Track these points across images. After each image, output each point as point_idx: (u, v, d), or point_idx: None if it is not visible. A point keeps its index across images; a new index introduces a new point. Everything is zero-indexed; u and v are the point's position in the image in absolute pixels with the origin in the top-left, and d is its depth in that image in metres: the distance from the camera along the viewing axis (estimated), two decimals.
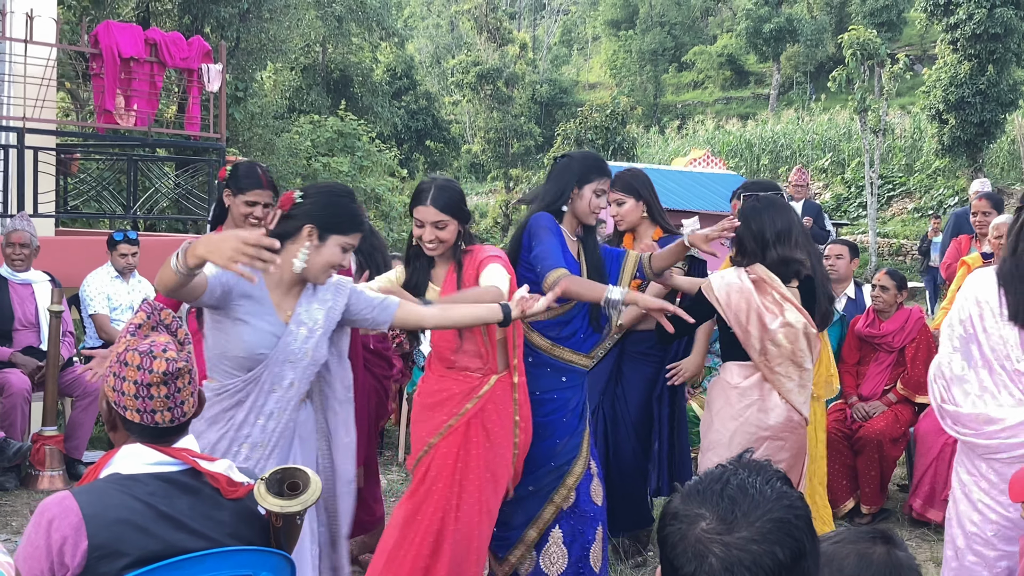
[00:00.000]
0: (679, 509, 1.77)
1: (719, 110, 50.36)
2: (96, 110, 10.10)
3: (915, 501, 6.37)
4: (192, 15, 20.55)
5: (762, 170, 37.22)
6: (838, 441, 6.51)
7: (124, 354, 2.59)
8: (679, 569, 1.71)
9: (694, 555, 1.70)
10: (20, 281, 7.20)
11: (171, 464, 2.60)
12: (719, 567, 1.67)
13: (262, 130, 22.85)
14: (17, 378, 6.82)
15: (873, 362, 6.79)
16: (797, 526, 1.72)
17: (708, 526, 1.71)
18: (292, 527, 2.68)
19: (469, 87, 45.97)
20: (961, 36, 27.15)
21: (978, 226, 7.84)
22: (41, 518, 2.44)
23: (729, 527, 1.70)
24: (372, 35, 38.39)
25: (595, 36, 64.48)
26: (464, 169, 47.54)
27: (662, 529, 1.77)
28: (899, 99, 36.40)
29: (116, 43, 9.71)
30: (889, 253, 27.93)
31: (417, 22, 59.73)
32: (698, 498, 1.76)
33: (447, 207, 4.20)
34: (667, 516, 1.78)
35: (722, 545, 1.69)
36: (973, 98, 27.10)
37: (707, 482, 1.78)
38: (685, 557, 1.71)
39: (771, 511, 1.72)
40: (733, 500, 1.74)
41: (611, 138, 32.23)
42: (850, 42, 26.36)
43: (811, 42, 47.84)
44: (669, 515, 1.78)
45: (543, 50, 60.11)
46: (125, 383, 2.57)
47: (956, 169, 29.56)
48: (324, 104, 34.42)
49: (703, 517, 1.73)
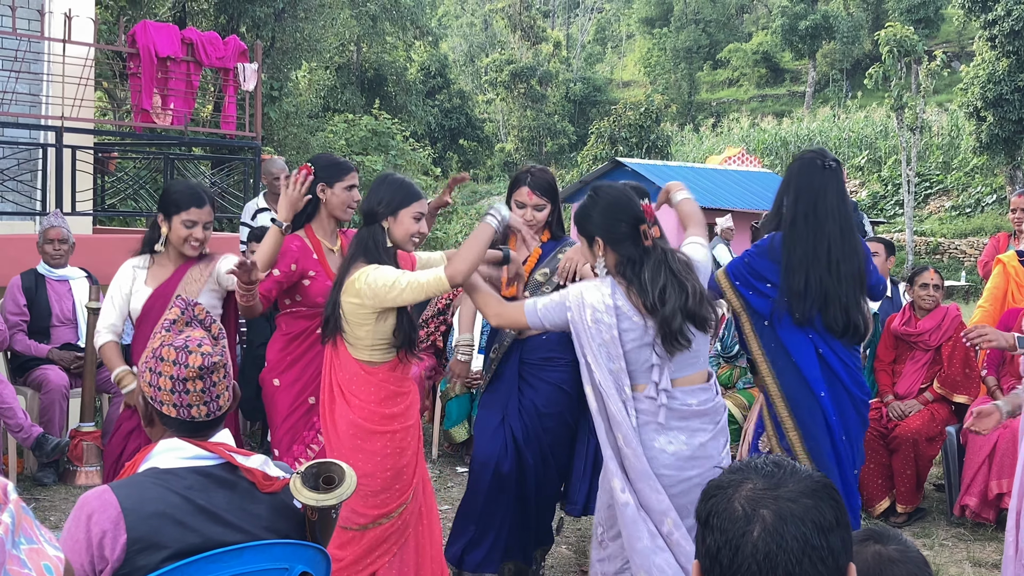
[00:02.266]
0: (721, 481, 1.77)
1: (754, 108, 50.18)
2: (133, 109, 10.18)
3: (969, 500, 6.24)
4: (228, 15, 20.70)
5: None
6: (873, 440, 6.47)
7: (160, 349, 2.62)
8: (726, 533, 1.69)
9: (743, 516, 1.69)
10: (57, 278, 7.27)
11: (208, 458, 2.62)
12: (772, 520, 1.67)
13: (297, 129, 23.00)
14: (55, 374, 6.88)
15: (909, 360, 6.74)
16: (834, 494, 1.74)
17: (755, 485, 1.73)
18: (327, 521, 2.70)
19: (503, 85, 46.08)
20: (999, 32, 26.89)
21: (1016, 223, 7.76)
22: (81, 512, 2.47)
23: (776, 485, 1.72)
24: (406, 34, 38.52)
25: (629, 34, 64.37)
26: (497, 168, 47.61)
27: (704, 505, 1.77)
28: (936, 96, 36.12)
29: (153, 43, 9.78)
30: (926, 252, 27.72)
31: (451, 21, 59.85)
32: (740, 471, 1.78)
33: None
34: (708, 493, 1.78)
35: (773, 500, 1.69)
36: (1012, 95, 26.84)
37: (743, 463, 1.81)
38: (733, 520, 1.70)
39: (810, 476, 1.75)
40: (776, 465, 1.77)
41: (645, 136, 32.19)
42: (887, 39, 26.19)
43: (847, 39, 47.58)
44: (710, 490, 1.78)
45: (577, 48, 60.06)
46: (161, 378, 2.59)
47: (994, 167, 29.29)
48: (358, 103, 34.59)
49: (749, 479, 1.74)
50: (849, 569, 1.72)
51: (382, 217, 4.06)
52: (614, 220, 3.76)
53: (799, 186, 4.56)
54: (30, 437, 6.48)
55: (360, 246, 4.07)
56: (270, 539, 2.60)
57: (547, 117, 45.73)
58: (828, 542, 1.67)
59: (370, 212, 4.10)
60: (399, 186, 4.13)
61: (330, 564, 2.77)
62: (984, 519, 6.22)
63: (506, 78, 45.65)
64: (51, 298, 7.19)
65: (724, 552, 1.69)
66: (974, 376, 6.60)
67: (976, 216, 29.16)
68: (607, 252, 3.80)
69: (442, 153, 42.39)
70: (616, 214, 3.76)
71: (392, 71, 37.26)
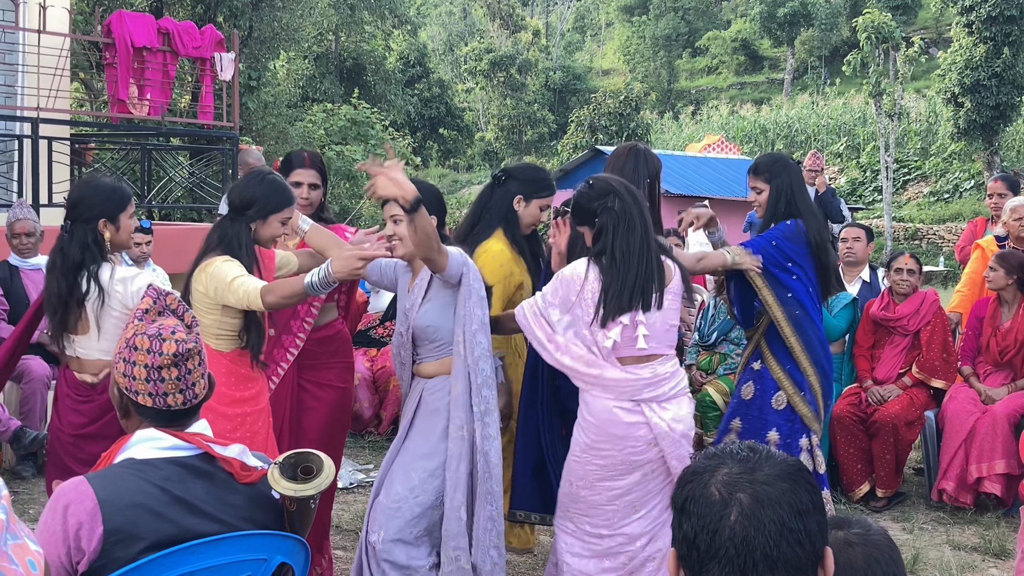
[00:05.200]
0: (697, 466, 1.77)
1: (733, 95, 50.22)
2: (110, 100, 10.13)
3: (947, 484, 6.29)
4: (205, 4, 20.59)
5: None
6: (853, 425, 6.49)
7: (133, 339, 2.60)
8: (703, 518, 1.69)
9: (720, 501, 1.69)
10: (31, 267, 7.21)
11: (185, 449, 2.61)
12: (749, 504, 1.67)
13: (275, 119, 22.90)
14: (38, 364, 6.84)
15: (888, 345, 6.76)
16: (809, 477, 1.75)
17: (731, 470, 1.72)
18: (306, 511, 2.69)
19: (482, 74, 45.99)
20: (976, 19, 27.01)
21: (993, 208, 7.79)
22: (57, 503, 2.46)
23: (752, 469, 1.72)
24: (385, 23, 38.42)
25: (608, 22, 64.31)
26: (478, 157, 47.56)
27: (680, 491, 1.76)
28: (914, 83, 36.24)
29: (129, 32, 9.73)
30: (905, 237, 27.84)
31: (430, 9, 59.66)
32: (716, 456, 1.78)
33: None
34: (684, 479, 1.77)
35: (749, 483, 1.69)
36: (989, 81, 26.97)
37: (717, 449, 1.80)
38: (709, 505, 1.70)
39: (785, 460, 1.75)
40: (751, 449, 1.77)
41: (625, 124, 32.21)
42: (865, 26, 26.25)
43: (825, 26, 47.67)
44: (686, 476, 1.77)
45: (556, 36, 59.99)
46: (136, 367, 2.58)
47: (972, 152, 29.43)
48: (337, 92, 34.48)
49: (725, 464, 1.74)
50: (825, 552, 1.72)
51: (252, 219, 4.05)
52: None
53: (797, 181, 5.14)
54: (7, 430, 6.45)
55: (223, 241, 4.04)
56: (248, 530, 2.59)
57: (527, 106, 45.66)
58: (805, 525, 1.67)
59: (242, 208, 4.06)
60: (275, 189, 4.11)
61: (309, 554, 2.76)
62: (962, 503, 6.26)
63: (485, 67, 45.55)
64: (27, 287, 7.13)
65: (701, 537, 1.69)
66: (952, 361, 6.63)
67: (954, 202, 29.28)
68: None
69: (422, 142, 42.31)
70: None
71: (371, 60, 37.12)
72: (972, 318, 6.81)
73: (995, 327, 6.56)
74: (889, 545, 2.16)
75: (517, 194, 4.76)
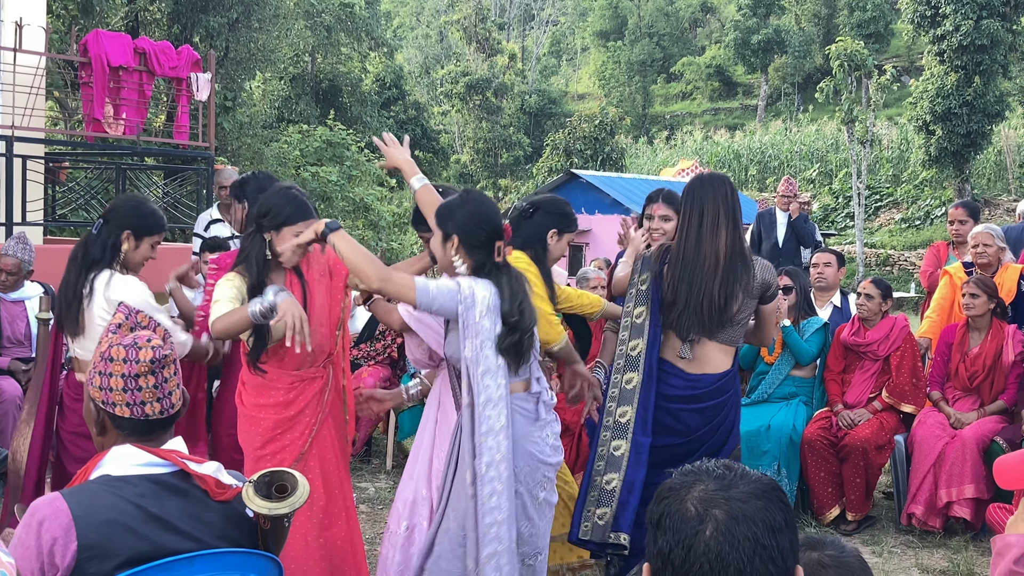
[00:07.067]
0: (674, 483, 1.80)
1: (707, 121, 50.56)
2: (85, 119, 10.12)
3: (916, 508, 6.33)
4: (181, 24, 20.58)
5: (750, 181, 37.37)
6: (823, 448, 6.54)
7: (108, 351, 2.62)
8: (679, 533, 1.72)
9: (696, 516, 1.71)
10: (12, 299, 7.13)
11: (161, 466, 2.62)
12: (724, 520, 1.69)
13: (251, 139, 22.88)
14: (10, 385, 6.78)
15: (858, 370, 6.82)
16: (783, 496, 1.78)
17: (707, 487, 1.75)
18: (280, 529, 2.70)
19: (458, 97, 46.07)
20: (948, 47, 27.33)
21: (954, 235, 7.93)
22: (31, 519, 2.46)
23: (727, 486, 1.75)
24: (361, 45, 38.46)
25: (584, 47, 64.66)
26: (453, 179, 47.51)
27: (656, 506, 1.78)
28: (886, 110, 36.61)
29: (105, 52, 9.73)
30: (877, 263, 28.04)
31: (406, 32, 59.83)
32: (692, 473, 1.81)
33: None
34: (660, 495, 1.80)
35: (725, 500, 1.72)
36: (960, 109, 27.27)
37: (694, 466, 1.83)
38: (685, 520, 1.72)
39: (760, 479, 1.78)
40: (727, 467, 1.80)
41: (600, 148, 32.37)
42: (837, 53, 26.50)
43: (799, 53, 48.09)
44: (663, 492, 1.80)
45: (532, 60, 60.22)
46: (112, 379, 2.59)
47: (943, 180, 29.73)
48: (313, 114, 34.47)
49: (701, 481, 1.77)
50: (796, 571, 1.75)
51: (266, 228, 4.14)
52: (476, 226, 3.83)
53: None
54: None
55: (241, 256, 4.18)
56: (222, 547, 2.60)
57: (502, 129, 45.76)
58: (777, 542, 1.70)
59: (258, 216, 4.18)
60: (290, 202, 4.18)
61: (282, 573, 2.77)
62: (931, 527, 6.30)
63: (461, 90, 45.64)
64: (3, 320, 7.06)
65: (676, 552, 1.71)
66: (921, 386, 6.70)
67: (925, 228, 29.52)
68: (462, 253, 3.85)
69: None
70: (479, 221, 3.84)
71: (347, 82, 37.16)
72: (941, 344, 6.88)
73: (963, 353, 6.64)
74: (862, 567, 2.18)
75: (552, 228, 4.78)
